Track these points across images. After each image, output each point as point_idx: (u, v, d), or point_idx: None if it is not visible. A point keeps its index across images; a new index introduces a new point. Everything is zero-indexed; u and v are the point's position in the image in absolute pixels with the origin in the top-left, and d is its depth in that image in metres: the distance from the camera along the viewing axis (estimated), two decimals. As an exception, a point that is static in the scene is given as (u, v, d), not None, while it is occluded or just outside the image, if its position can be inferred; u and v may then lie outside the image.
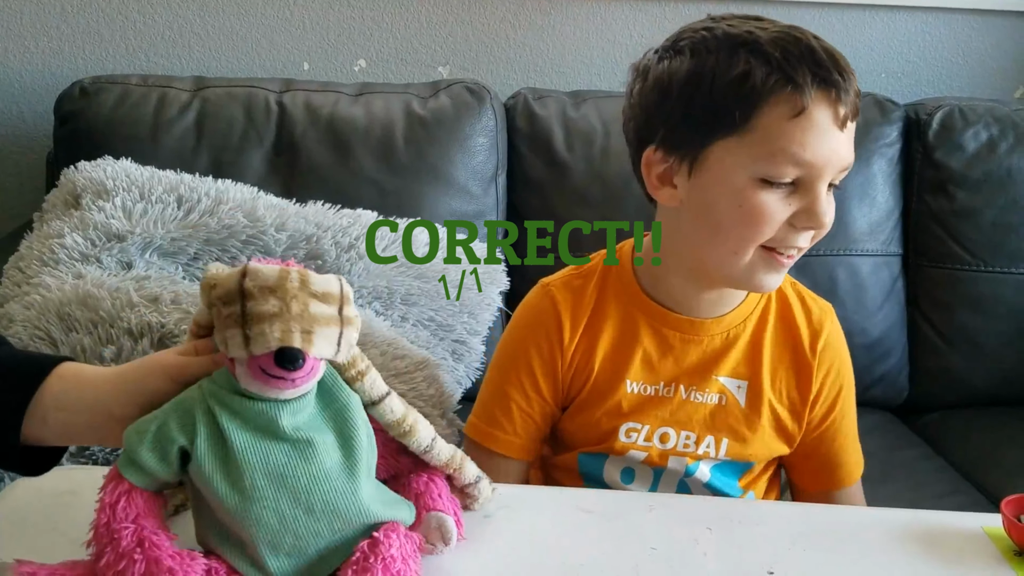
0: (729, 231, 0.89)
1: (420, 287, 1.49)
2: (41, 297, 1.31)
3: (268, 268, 0.63)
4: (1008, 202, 1.68)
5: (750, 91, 0.84)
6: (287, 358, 0.61)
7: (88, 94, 1.63)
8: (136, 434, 0.65)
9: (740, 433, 1.00)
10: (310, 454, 0.65)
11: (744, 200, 0.87)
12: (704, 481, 1.01)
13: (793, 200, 0.87)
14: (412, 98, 1.68)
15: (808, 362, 1.00)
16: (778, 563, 0.77)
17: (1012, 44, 1.93)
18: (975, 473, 1.53)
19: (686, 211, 0.92)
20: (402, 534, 0.68)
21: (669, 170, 0.91)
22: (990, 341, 1.70)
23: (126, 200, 1.44)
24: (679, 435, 0.99)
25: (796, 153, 0.84)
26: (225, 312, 0.62)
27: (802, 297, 1.03)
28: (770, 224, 0.87)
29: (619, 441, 0.99)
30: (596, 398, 1.00)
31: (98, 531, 0.65)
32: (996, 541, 0.81)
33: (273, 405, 0.64)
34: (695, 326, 0.98)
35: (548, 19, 1.87)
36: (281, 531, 0.64)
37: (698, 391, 0.99)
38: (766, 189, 0.86)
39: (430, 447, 0.73)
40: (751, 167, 0.86)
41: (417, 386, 1.35)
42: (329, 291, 0.64)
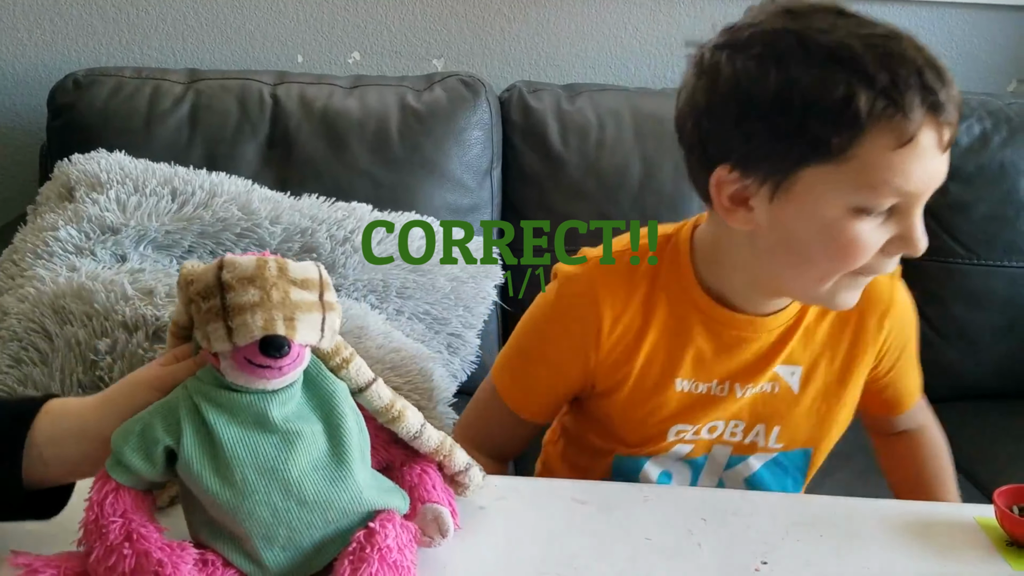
0: (818, 262, 0.81)
1: (415, 280, 1.49)
2: (35, 290, 1.30)
3: (245, 259, 0.63)
4: (1001, 195, 1.68)
5: (852, 119, 0.75)
6: (272, 345, 0.61)
7: (81, 87, 1.62)
8: (122, 435, 0.65)
9: (793, 419, 0.95)
10: (300, 445, 0.65)
11: (838, 232, 0.79)
12: (745, 476, 0.99)
13: (888, 226, 0.80)
14: (407, 91, 1.67)
15: (873, 334, 0.96)
16: (771, 553, 0.77)
17: (1005, 38, 1.93)
18: (968, 465, 1.54)
19: (763, 237, 0.83)
20: (398, 524, 0.68)
21: (744, 190, 0.81)
22: (983, 334, 1.70)
23: (120, 193, 1.43)
24: (728, 424, 0.95)
25: (899, 185, 0.76)
26: (205, 307, 0.62)
27: None
28: (863, 254, 0.80)
29: (666, 440, 0.95)
30: (641, 397, 0.94)
31: (87, 528, 0.65)
32: (988, 531, 0.81)
33: (261, 397, 0.64)
34: (754, 324, 0.92)
35: (543, 12, 1.87)
36: (275, 524, 0.64)
37: (753, 385, 0.94)
38: (862, 219, 0.78)
39: (419, 433, 0.73)
40: (848, 197, 0.77)
41: (413, 379, 1.35)
42: (308, 277, 0.64)
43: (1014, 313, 1.69)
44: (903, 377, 1.03)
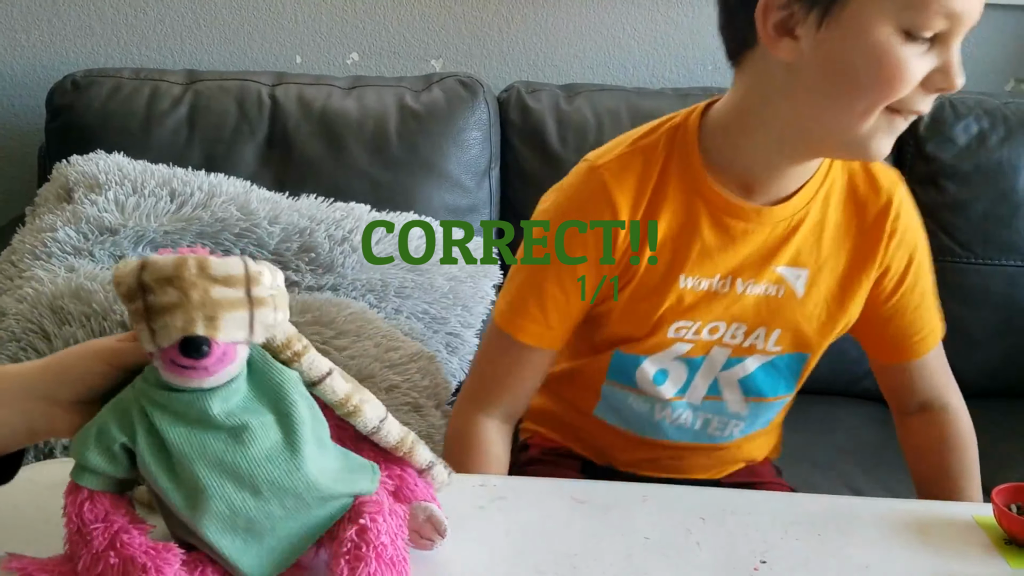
0: (864, 90, 0.81)
1: (414, 280, 1.49)
2: (34, 290, 1.31)
3: (164, 259, 0.62)
4: (998, 194, 1.68)
5: None
6: (192, 346, 0.61)
7: (80, 87, 1.62)
8: (79, 441, 0.65)
9: (795, 323, 0.96)
10: (247, 438, 0.64)
11: (885, 55, 0.79)
12: (740, 376, 0.99)
13: (931, 57, 0.80)
14: (405, 91, 1.68)
15: (876, 237, 0.96)
16: (770, 552, 0.77)
17: (1002, 37, 1.93)
18: (966, 464, 1.54)
19: (806, 68, 0.83)
20: (386, 513, 0.67)
21: (791, 18, 0.81)
22: (981, 333, 1.70)
23: (119, 194, 1.43)
24: (729, 327, 0.96)
25: (948, 3, 0.77)
26: (131, 308, 0.62)
27: (866, 167, 0.97)
28: (909, 82, 0.80)
29: (666, 338, 0.95)
30: (645, 293, 0.94)
31: (71, 539, 0.65)
32: (987, 530, 0.81)
33: (200, 395, 0.64)
34: (761, 215, 0.92)
35: (541, 12, 1.87)
36: (233, 517, 0.64)
37: (755, 283, 0.94)
38: (908, 43, 0.79)
39: (377, 428, 0.71)
40: (898, 17, 0.78)
41: (411, 377, 1.35)
42: (231, 274, 0.62)
43: (1011, 312, 1.70)
44: (911, 304, 1.00)
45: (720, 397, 1.01)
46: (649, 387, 1.00)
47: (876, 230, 0.96)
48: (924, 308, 1.02)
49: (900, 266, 0.98)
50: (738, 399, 1.01)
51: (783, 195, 0.93)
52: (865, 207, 0.95)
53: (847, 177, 0.96)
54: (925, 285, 1.02)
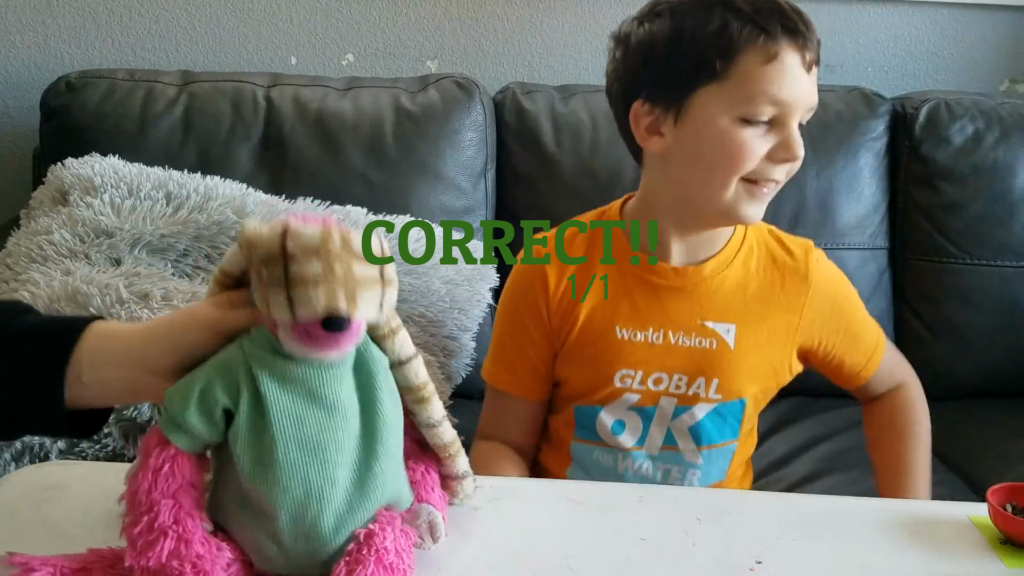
0: (715, 168, 0.97)
1: (410, 283, 1.49)
2: (30, 294, 1.30)
3: (310, 229, 0.61)
4: (994, 195, 1.68)
5: (728, 42, 0.94)
6: (334, 323, 0.60)
7: (74, 89, 1.62)
8: (180, 397, 0.64)
9: (730, 373, 1.06)
10: (340, 423, 0.64)
11: (728, 139, 0.96)
12: (691, 424, 1.07)
13: (770, 137, 0.96)
14: (400, 92, 1.68)
15: (796, 300, 1.08)
16: (766, 553, 0.77)
17: (997, 38, 1.94)
18: (962, 464, 1.54)
19: (673, 156, 1.01)
20: (397, 527, 0.68)
21: (656, 121, 1.00)
22: (976, 334, 1.71)
23: (114, 196, 1.43)
24: (672, 378, 1.06)
25: (773, 93, 0.94)
26: (267, 274, 0.61)
27: (780, 241, 1.11)
28: (751, 158, 0.96)
29: (614, 387, 1.06)
30: (587, 341, 1.07)
31: (137, 496, 0.64)
32: (982, 530, 0.82)
33: (318, 370, 0.64)
34: (679, 273, 1.05)
35: (536, 13, 1.87)
36: (305, 503, 0.64)
37: (686, 336, 1.05)
38: (746, 127, 0.95)
39: (439, 423, 0.73)
40: (732, 109, 0.95)
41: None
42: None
43: (1006, 312, 1.70)
44: (852, 351, 1.13)
45: (676, 447, 1.09)
46: (610, 438, 1.09)
47: (794, 293, 1.08)
48: (861, 341, 1.14)
49: (833, 333, 1.10)
50: (691, 448, 1.09)
51: (698, 259, 1.06)
52: (783, 272, 1.08)
53: (764, 247, 1.09)
54: (853, 323, 1.14)
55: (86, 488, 0.71)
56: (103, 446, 1.23)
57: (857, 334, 1.13)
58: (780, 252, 1.09)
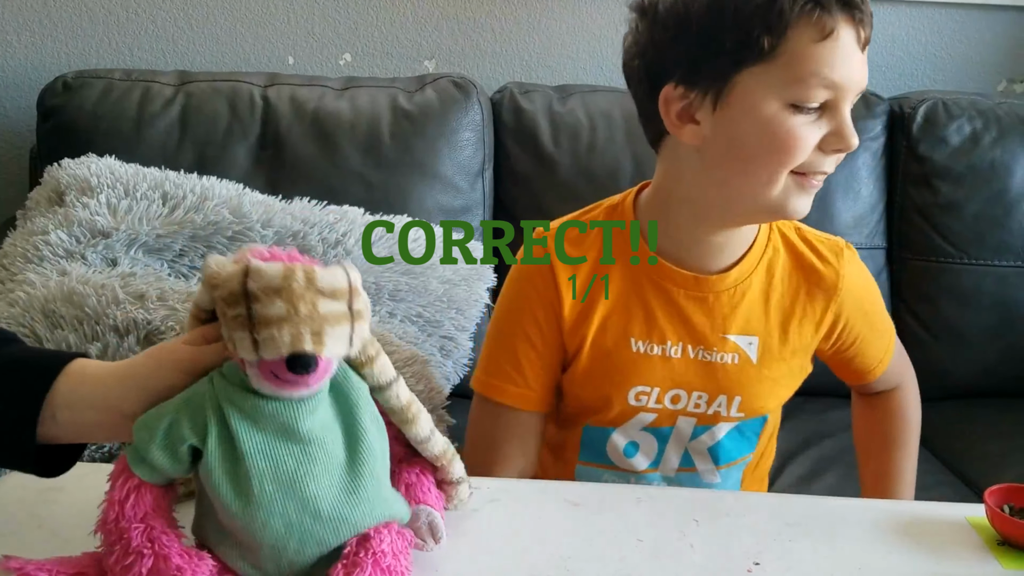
0: (762, 161, 0.87)
1: (408, 283, 1.49)
2: (26, 294, 1.30)
3: (271, 267, 0.60)
4: (991, 195, 1.69)
5: (778, 16, 0.83)
6: (300, 363, 0.59)
7: (71, 89, 1.62)
8: (146, 431, 0.63)
9: (752, 389, 0.98)
10: (320, 458, 0.63)
11: (776, 127, 0.85)
12: (711, 444, 1.01)
13: (821, 124, 0.86)
14: (398, 92, 1.68)
15: (825, 305, 1.00)
16: (764, 554, 0.77)
17: (995, 38, 1.94)
18: (959, 464, 1.55)
19: (710, 147, 0.89)
20: (394, 530, 0.68)
21: (690, 106, 0.88)
22: (974, 333, 1.71)
23: (111, 197, 1.43)
24: (691, 396, 0.98)
25: (826, 75, 0.84)
26: (231, 314, 0.60)
27: (810, 243, 1.02)
28: (803, 148, 0.86)
29: (628, 405, 0.98)
30: (600, 355, 0.98)
31: (106, 526, 0.64)
32: (980, 531, 0.82)
33: (288, 405, 0.63)
34: (700, 283, 0.96)
35: (534, 13, 1.87)
36: (287, 536, 0.63)
37: (707, 351, 0.97)
38: (796, 114, 0.85)
39: (427, 438, 0.72)
40: (781, 93, 0.84)
41: (406, 381, 1.34)
42: (337, 287, 0.61)
43: (1004, 312, 1.70)
44: (869, 346, 1.06)
45: (693, 468, 1.03)
46: (621, 461, 1.02)
47: (821, 302, 1.00)
48: (877, 341, 1.08)
49: (854, 329, 1.03)
50: (709, 468, 1.03)
51: (719, 267, 0.97)
52: (811, 280, 0.99)
53: (790, 251, 1.01)
54: (876, 325, 1.07)
55: (83, 490, 0.70)
56: (99, 446, 1.23)
57: (877, 334, 1.06)
58: (809, 256, 1.00)
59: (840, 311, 1.00)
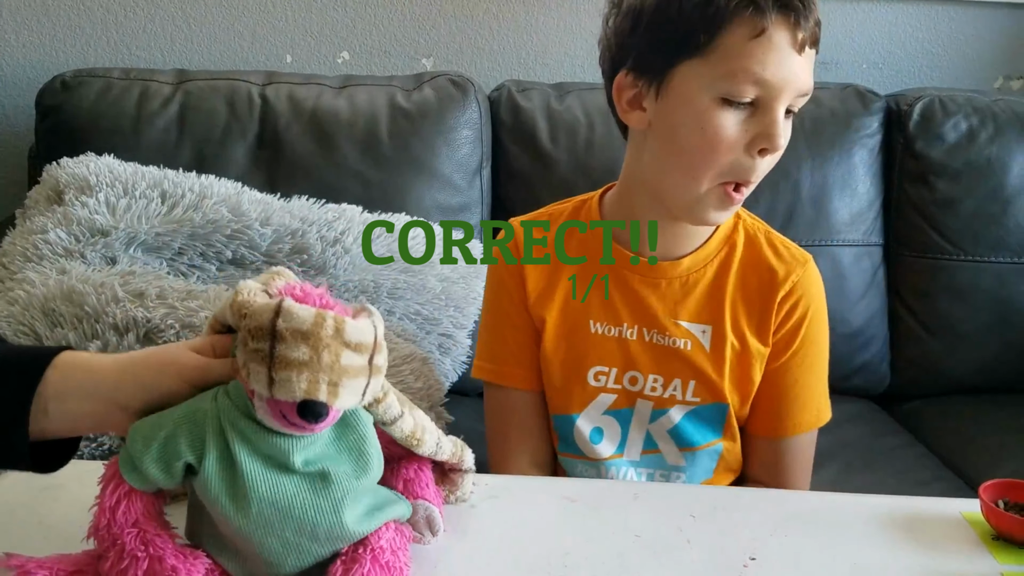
0: (691, 152, 0.92)
1: (406, 281, 1.49)
2: (25, 293, 1.30)
3: (304, 310, 0.60)
4: (988, 191, 1.69)
5: (714, 13, 0.88)
6: (311, 412, 0.60)
7: (69, 88, 1.62)
8: (142, 440, 0.63)
9: (706, 375, 1.01)
10: (321, 487, 0.64)
11: (706, 120, 0.89)
12: (669, 427, 1.03)
13: (751, 124, 0.90)
14: (396, 90, 1.68)
15: (771, 306, 1.01)
16: (759, 549, 0.78)
17: (991, 35, 1.95)
18: (956, 460, 1.55)
19: (652, 134, 0.96)
20: (392, 527, 0.68)
21: (639, 94, 0.95)
22: (970, 329, 1.71)
23: (109, 195, 1.43)
24: (647, 378, 1.02)
25: (756, 72, 0.87)
26: (253, 346, 0.60)
27: (775, 245, 1.04)
28: (728, 145, 0.90)
29: (588, 386, 1.03)
30: (563, 334, 1.03)
31: (99, 532, 0.64)
32: (975, 526, 0.82)
33: (287, 440, 0.63)
34: (653, 269, 1.01)
35: (531, 11, 1.87)
36: (283, 555, 0.64)
37: (660, 335, 1.02)
38: (726, 109, 0.89)
39: (435, 452, 0.74)
40: (713, 87, 0.89)
41: (404, 379, 1.35)
42: (363, 342, 0.61)
43: (1000, 309, 1.70)
44: (792, 382, 1.03)
45: (657, 450, 1.05)
46: (589, 449, 1.04)
47: (773, 301, 1.01)
48: (805, 392, 1.04)
49: (790, 335, 1.02)
50: (673, 450, 1.05)
51: (675, 255, 1.01)
52: (766, 278, 1.02)
53: (751, 249, 1.03)
54: (809, 373, 1.04)
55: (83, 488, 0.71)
56: (99, 444, 1.23)
57: (804, 378, 1.04)
58: (768, 256, 1.02)
59: (790, 313, 1.01)
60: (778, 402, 1.04)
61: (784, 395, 1.04)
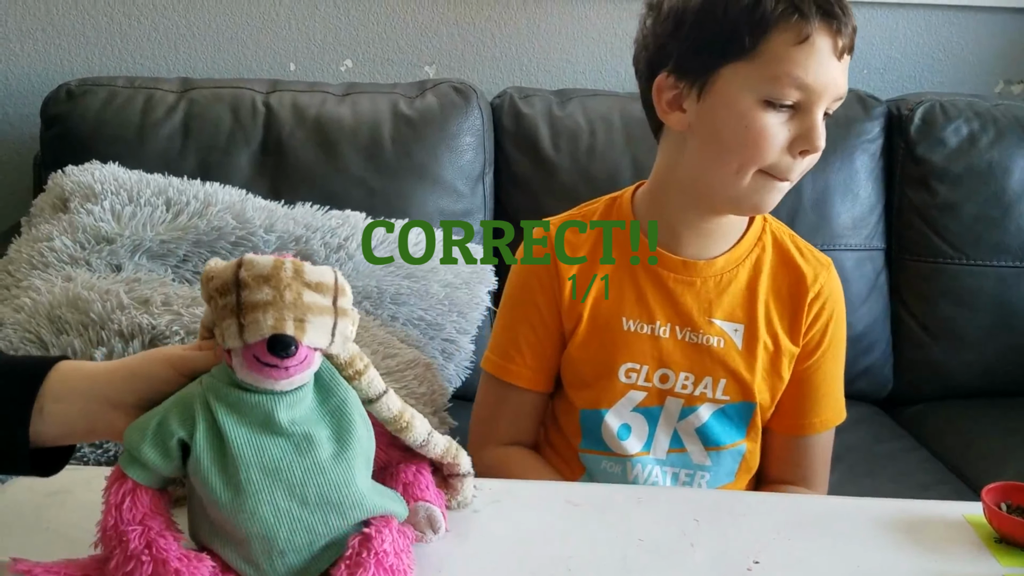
0: (734, 152, 0.94)
1: (410, 287, 1.50)
2: (31, 300, 1.31)
3: (263, 258, 0.64)
4: (989, 196, 1.69)
5: (760, 18, 0.91)
6: (280, 344, 0.62)
7: (74, 96, 1.63)
8: (137, 431, 0.66)
9: (738, 374, 1.03)
10: (306, 448, 0.66)
11: (749, 122, 0.93)
12: (697, 425, 1.05)
13: (792, 124, 0.93)
14: (399, 98, 1.68)
15: (801, 306, 1.04)
16: (763, 552, 0.78)
17: (992, 39, 1.95)
18: (958, 463, 1.55)
19: (693, 134, 0.98)
20: (395, 529, 0.69)
21: (679, 95, 0.97)
22: (972, 333, 1.72)
23: (115, 203, 1.44)
24: (678, 376, 1.03)
25: (799, 76, 0.91)
26: (221, 303, 0.63)
27: (800, 248, 1.07)
28: (771, 145, 0.93)
29: (619, 383, 1.04)
30: (594, 332, 1.05)
31: (106, 533, 0.65)
32: (977, 529, 0.82)
33: (270, 398, 0.65)
34: (688, 267, 1.03)
35: (533, 18, 1.88)
36: (275, 525, 0.65)
37: (693, 333, 1.03)
38: (769, 111, 0.92)
39: (426, 441, 0.74)
40: (757, 89, 0.92)
41: (408, 384, 1.36)
42: (323, 281, 0.65)
43: (1002, 312, 1.71)
44: (818, 381, 1.07)
45: (683, 449, 1.06)
46: (616, 444, 1.06)
47: (803, 301, 1.05)
48: (829, 391, 1.08)
49: (817, 335, 1.06)
50: (699, 449, 1.06)
51: (708, 255, 1.04)
52: (795, 278, 1.05)
53: (780, 251, 1.06)
54: (832, 373, 1.08)
55: (89, 492, 0.71)
56: (104, 451, 1.24)
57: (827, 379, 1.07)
58: (795, 256, 1.06)
59: (819, 314, 1.05)
60: (805, 400, 1.07)
61: (811, 393, 1.07)
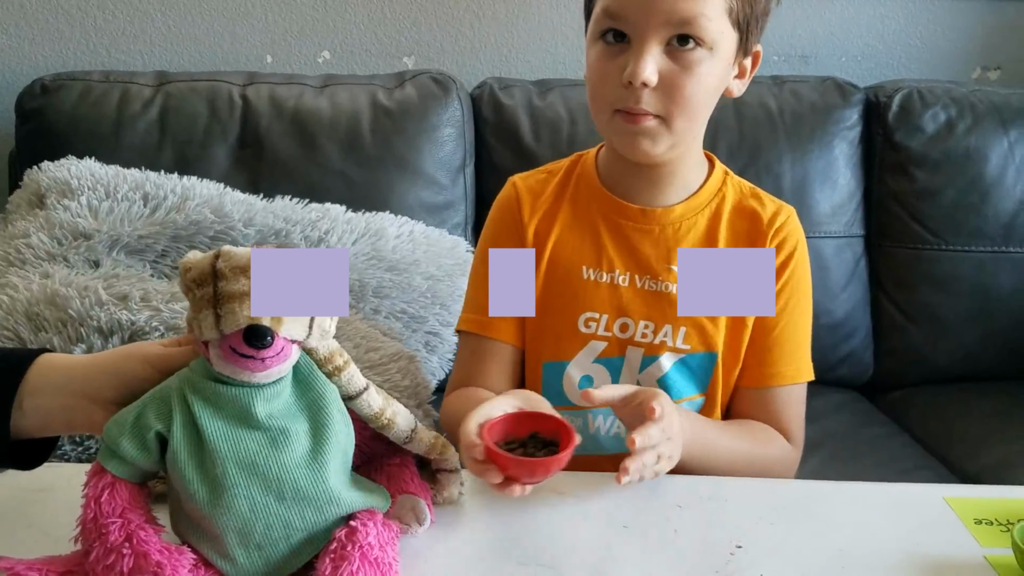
0: (589, 95, 0.99)
1: (392, 280, 1.49)
2: (8, 297, 1.30)
3: (241, 249, 0.63)
4: (967, 182, 1.71)
5: None
6: (256, 335, 0.62)
7: (49, 91, 1.61)
8: (116, 425, 0.65)
9: (698, 321, 1.02)
10: (282, 442, 0.65)
11: (589, 60, 0.98)
12: (659, 376, 1.03)
13: (623, 60, 0.94)
14: (377, 89, 1.68)
15: (762, 245, 1.03)
16: (745, 537, 0.79)
17: (968, 26, 1.96)
18: (939, 448, 1.56)
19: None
20: (379, 522, 0.69)
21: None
22: (952, 318, 1.73)
23: (91, 199, 1.43)
24: (637, 324, 1.03)
25: (608, 5, 0.94)
26: (199, 294, 0.63)
27: (760, 196, 1.07)
28: (601, 79, 0.96)
29: (579, 332, 1.04)
30: (554, 281, 1.05)
31: (85, 526, 0.65)
32: (958, 510, 0.83)
33: (247, 391, 0.65)
34: (647, 215, 1.03)
35: (512, 8, 1.88)
36: (252, 519, 0.65)
37: (653, 280, 1.03)
38: (599, 46, 0.96)
39: (410, 438, 0.74)
40: (592, 28, 0.98)
41: (391, 377, 1.35)
42: None
43: (981, 297, 1.72)
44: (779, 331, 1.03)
45: None
46: (577, 397, 1.04)
47: (761, 242, 1.04)
48: (790, 343, 1.05)
49: (784, 289, 1.03)
50: None
51: (667, 203, 1.04)
52: (755, 226, 1.05)
53: (740, 198, 1.06)
54: (795, 324, 1.05)
55: (71, 490, 0.71)
56: (86, 448, 1.23)
57: (787, 328, 1.04)
58: (755, 206, 1.05)
59: (780, 247, 1.03)
60: (772, 350, 1.04)
61: (778, 341, 1.04)
